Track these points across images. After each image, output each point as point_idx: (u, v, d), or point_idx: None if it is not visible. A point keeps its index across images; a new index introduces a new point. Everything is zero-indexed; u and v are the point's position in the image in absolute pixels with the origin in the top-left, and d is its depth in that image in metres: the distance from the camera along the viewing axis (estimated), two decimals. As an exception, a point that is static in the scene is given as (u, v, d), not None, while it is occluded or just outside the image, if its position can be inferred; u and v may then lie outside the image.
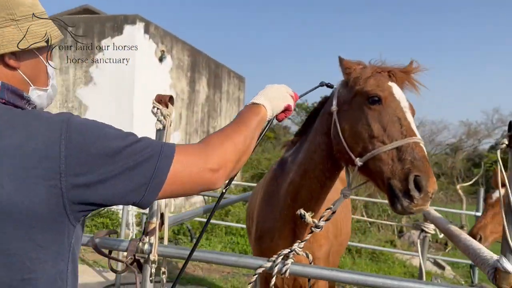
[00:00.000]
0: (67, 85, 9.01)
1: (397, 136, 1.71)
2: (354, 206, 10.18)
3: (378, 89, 1.83)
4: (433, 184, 1.57)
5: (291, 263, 1.94)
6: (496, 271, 1.87)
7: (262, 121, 1.35)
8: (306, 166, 2.16)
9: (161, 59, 9.26)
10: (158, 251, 2.12)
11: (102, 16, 9.15)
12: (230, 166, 1.15)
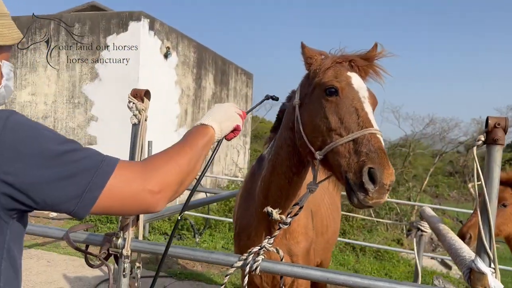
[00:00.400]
0: (73, 81, 9.10)
1: (354, 128, 1.67)
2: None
3: (335, 80, 1.78)
4: (389, 176, 1.52)
5: (262, 260, 1.92)
6: (471, 271, 1.83)
7: (210, 142, 1.33)
8: (274, 162, 2.14)
9: (166, 56, 9.29)
10: (131, 246, 2.12)
11: (107, 13, 9.20)
12: (172, 189, 1.10)
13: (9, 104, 9.51)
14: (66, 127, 9.14)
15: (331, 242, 3.05)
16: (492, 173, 1.78)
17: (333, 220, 3.05)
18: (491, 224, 1.78)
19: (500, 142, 1.77)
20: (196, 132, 1.32)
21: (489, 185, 1.79)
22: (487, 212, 1.78)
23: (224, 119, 1.42)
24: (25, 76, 9.34)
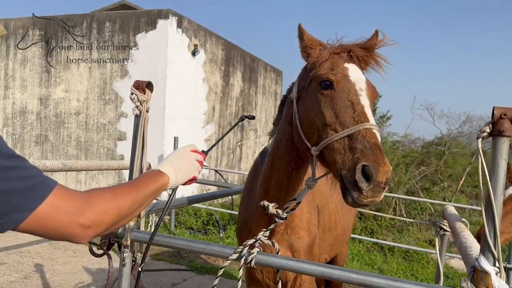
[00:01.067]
0: (104, 78, 9.35)
1: (349, 123, 1.59)
2: (388, 203, 9.86)
3: (330, 73, 1.71)
4: (385, 173, 1.44)
5: (257, 253, 1.89)
6: (475, 271, 1.74)
7: (161, 189, 1.32)
8: (273, 156, 2.10)
9: (194, 53, 9.37)
10: (131, 236, 2.14)
11: (136, 12, 9.39)
12: (103, 227, 1.07)
13: (44, 100, 9.89)
14: (98, 123, 9.40)
15: (340, 239, 2.97)
16: (498, 167, 1.69)
17: (343, 217, 2.98)
18: (496, 221, 1.69)
19: (506, 133, 1.67)
20: (150, 176, 1.31)
21: (494, 179, 1.69)
22: (492, 208, 1.69)
23: (182, 169, 1.42)
24: (59, 73, 9.68)
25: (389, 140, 15.10)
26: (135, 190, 1.19)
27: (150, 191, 1.25)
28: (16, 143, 10.12)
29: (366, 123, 1.57)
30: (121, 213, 1.12)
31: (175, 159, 1.43)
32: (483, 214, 1.71)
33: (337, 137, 1.59)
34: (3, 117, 10.26)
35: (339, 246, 3.06)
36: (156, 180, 1.30)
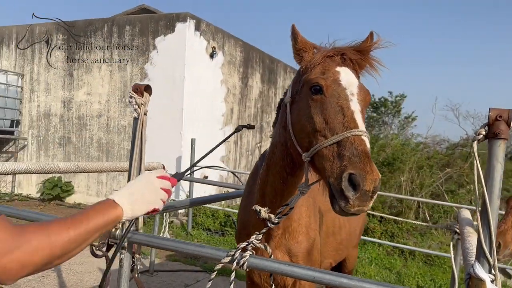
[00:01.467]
0: (125, 81, 9.52)
1: (339, 129, 1.55)
2: (409, 206, 9.66)
3: (321, 77, 1.67)
4: (372, 182, 1.40)
5: (249, 256, 1.89)
6: (470, 278, 1.69)
7: (113, 222, 1.21)
8: (269, 161, 2.07)
9: (212, 56, 9.44)
10: (129, 237, 2.16)
11: (155, 15, 9.52)
12: (30, 269, 0.98)
13: (67, 103, 10.14)
14: (118, 125, 9.58)
15: (345, 243, 2.92)
16: (493, 170, 1.63)
17: (348, 221, 2.92)
18: (492, 227, 1.63)
19: (502, 136, 1.61)
20: (100, 210, 1.19)
21: (490, 183, 1.63)
22: (487, 213, 1.63)
23: (140, 200, 1.30)
24: (81, 77, 9.91)
25: (413, 141, 14.79)
26: (75, 227, 1.08)
27: (95, 226, 1.14)
28: (41, 145, 10.41)
29: (355, 129, 1.52)
30: (54, 253, 1.02)
31: (135, 188, 1.32)
32: (478, 220, 1.65)
33: (326, 143, 1.56)
34: (28, 120, 10.58)
35: (345, 250, 3.01)
36: (106, 214, 1.19)
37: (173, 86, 8.81)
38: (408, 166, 11.01)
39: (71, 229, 1.07)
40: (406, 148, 12.79)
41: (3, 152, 10.64)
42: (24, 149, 10.64)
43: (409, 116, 25.64)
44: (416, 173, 11.99)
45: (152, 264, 5.48)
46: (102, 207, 1.20)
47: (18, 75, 10.49)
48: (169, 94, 8.86)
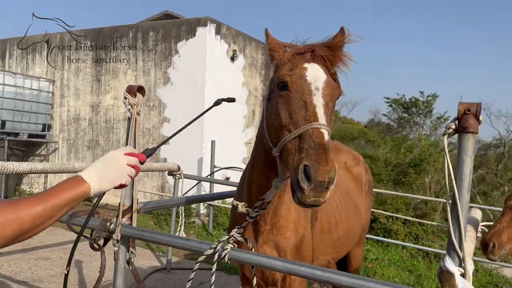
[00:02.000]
0: (149, 85, 9.78)
1: (301, 123, 1.60)
2: (434, 208, 9.45)
3: (287, 74, 1.73)
4: (325, 173, 1.44)
5: (231, 249, 1.96)
6: (442, 271, 1.70)
7: (80, 197, 1.28)
8: (253, 158, 2.15)
9: (233, 59, 9.57)
10: (122, 231, 2.27)
11: (177, 21, 9.75)
12: (2, 241, 1.08)
13: (95, 107, 10.52)
14: (143, 128, 9.84)
15: (343, 241, 2.93)
16: (462, 164, 1.65)
17: (346, 219, 2.93)
18: (461, 221, 1.64)
19: (471, 130, 1.63)
20: (66, 185, 1.26)
21: (460, 177, 1.65)
22: (456, 207, 1.64)
23: (107, 175, 1.36)
24: (108, 82, 10.25)
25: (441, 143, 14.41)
26: (42, 203, 1.16)
27: (62, 202, 1.21)
28: (71, 148, 10.83)
29: (315, 122, 1.57)
30: (23, 227, 1.11)
31: (101, 165, 1.38)
32: (448, 214, 1.66)
33: (290, 137, 1.62)
34: (59, 124, 11.03)
35: (343, 248, 3.02)
36: (73, 190, 1.25)
37: (195, 89, 9.00)
38: (434, 167, 10.76)
39: (39, 205, 1.15)
40: (434, 149, 12.49)
41: (36, 155, 11.13)
42: (55, 152, 11.09)
43: (442, 117, 25.01)
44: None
45: (169, 262, 5.62)
46: (69, 184, 1.27)
47: (49, 81, 10.96)
48: (191, 97, 9.04)
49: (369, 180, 3.65)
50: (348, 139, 25.96)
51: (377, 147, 16.01)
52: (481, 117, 1.63)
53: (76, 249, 2.26)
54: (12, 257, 5.70)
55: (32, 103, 10.41)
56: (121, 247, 2.33)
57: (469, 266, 1.66)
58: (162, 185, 9.60)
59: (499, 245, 2.57)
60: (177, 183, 5.13)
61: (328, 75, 1.78)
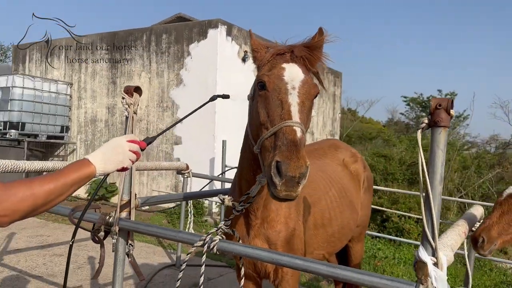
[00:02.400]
0: (162, 87, 9.97)
1: (277, 121, 1.67)
2: (448, 207, 9.35)
3: (266, 74, 1.80)
4: (295, 168, 1.52)
5: (219, 240, 2.05)
6: (416, 261, 1.76)
7: (87, 177, 1.42)
8: (241, 155, 2.23)
9: (244, 59, 9.68)
10: (120, 224, 2.39)
11: (189, 23, 9.91)
12: (19, 215, 1.24)
13: (111, 109, 10.77)
14: (157, 129, 10.04)
15: (338, 236, 2.99)
16: (435, 157, 1.71)
17: (341, 214, 2.99)
18: (433, 211, 1.70)
19: (442, 124, 1.69)
20: (74, 166, 1.41)
21: (432, 170, 1.71)
22: (429, 199, 1.70)
23: (111, 159, 1.51)
24: (123, 84, 10.49)
25: (457, 143, 14.21)
26: (53, 181, 1.31)
27: (71, 181, 1.36)
28: (88, 148, 11.11)
29: (289, 120, 1.65)
30: (37, 203, 1.26)
31: (106, 149, 1.53)
32: (421, 205, 1.72)
33: (266, 135, 1.70)
34: (77, 125, 11.33)
35: (338, 243, 3.08)
36: (80, 171, 1.40)
37: (206, 90, 9.13)
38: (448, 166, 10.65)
39: (51, 183, 1.31)
40: (450, 147, 12.34)
41: (55, 156, 11.46)
42: (73, 153, 11.40)
43: (460, 115, 24.63)
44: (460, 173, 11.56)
45: (179, 258, 5.76)
46: (77, 165, 1.43)
47: (67, 84, 11.27)
48: (203, 98, 9.09)
49: (368, 177, 3.70)
50: (367, 138, 25.79)
51: (393, 146, 15.89)
52: (453, 111, 1.68)
53: (92, 246, 2.38)
54: (29, 253, 5.93)
55: (50, 106, 10.74)
56: (119, 239, 2.44)
57: (443, 256, 1.71)
58: (175, 184, 9.77)
59: (488, 240, 2.60)
60: (185, 181, 5.25)
61: (306, 75, 1.85)
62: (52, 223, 8.08)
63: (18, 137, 10.15)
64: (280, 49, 1.89)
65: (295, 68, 1.83)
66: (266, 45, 1.99)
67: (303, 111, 1.74)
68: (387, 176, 11.18)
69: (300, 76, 1.81)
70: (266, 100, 1.78)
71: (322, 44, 1.89)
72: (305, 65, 1.86)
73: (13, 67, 12.60)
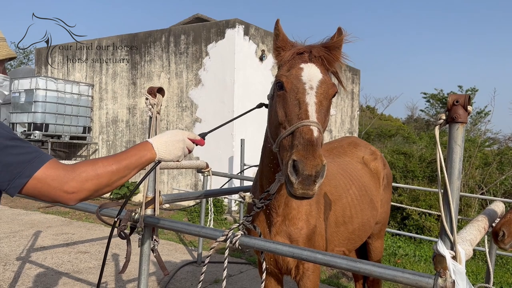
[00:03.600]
0: (181, 87, 10.11)
1: (294, 121, 1.70)
2: (468, 204, 9.23)
3: (284, 74, 1.83)
4: (311, 167, 1.54)
5: (241, 235, 2.12)
6: (435, 255, 1.80)
7: (147, 162, 1.47)
8: (262, 152, 2.26)
9: (262, 58, 9.73)
10: (145, 220, 2.48)
11: (207, 23, 10.01)
12: (85, 193, 1.31)
13: (132, 110, 10.96)
14: (176, 128, 10.18)
15: (358, 233, 3.01)
16: (452, 153, 1.74)
17: (361, 212, 3.02)
18: (452, 206, 1.73)
19: (460, 120, 1.71)
20: (137, 151, 1.46)
21: (450, 165, 1.74)
22: (447, 193, 1.73)
23: (170, 149, 1.55)
24: (143, 84, 10.67)
25: (478, 139, 13.97)
26: (116, 163, 1.38)
27: (133, 164, 1.42)
28: (110, 148, 11.34)
29: (306, 120, 1.68)
30: (101, 183, 1.34)
31: (169, 138, 1.57)
32: (440, 200, 1.75)
33: (284, 134, 1.73)
34: (99, 126, 11.57)
35: (358, 240, 3.10)
36: (141, 155, 1.45)
37: (224, 89, 9.23)
38: (469, 162, 10.51)
39: (114, 164, 1.38)
40: (471, 144, 12.15)
41: (78, 156, 11.73)
42: (95, 152, 11.65)
43: (482, 111, 24.19)
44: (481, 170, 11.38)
45: (200, 255, 5.86)
46: (140, 148, 1.48)
47: (89, 86, 11.52)
48: (221, 97, 9.28)
49: (388, 174, 3.71)
50: (386, 136, 25.53)
51: (413, 144, 15.72)
52: (470, 108, 1.70)
53: (115, 244, 2.47)
54: (55, 251, 6.12)
55: (73, 107, 10.99)
56: (145, 235, 2.53)
57: (461, 249, 1.74)
58: (195, 183, 9.90)
59: (509, 234, 2.59)
60: (205, 180, 5.35)
61: (324, 74, 1.87)
62: (76, 221, 8.29)
63: (42, 138, 10.43)
64: (300, 48, 1.91)
65: (313, 68, 1.85)
66: (292, 43, 1.99)
67: (320, 110, 1.76)
68: (407, 173, 11.10)
69: (318, 76, 1.84)
70: (284, 100, 1.81)
71: (341, 44, 1.91)
72: (324, 65, 1.88)
73: (36, 69, 12.93)
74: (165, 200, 2.73)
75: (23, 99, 10.48)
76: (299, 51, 1.92)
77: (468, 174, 9.94)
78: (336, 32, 1.95)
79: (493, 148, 16.28)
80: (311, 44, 1.96)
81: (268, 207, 2.33)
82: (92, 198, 1.40)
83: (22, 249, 6.11)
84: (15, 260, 5.60)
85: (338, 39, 1.91)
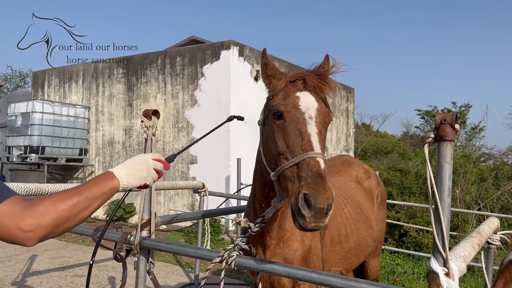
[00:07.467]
0: (177, 108, 10.18)
1: (298, 152, 1.71)
2: (465, 220, 9.22)
3: (281, 104, 1.83)
4: (324, 200, 1.56)
5: (236, 256, 2.13)
6: (429, 272, 1.81)
7: (111, 191, 1.40)
8: (254, 177, 2.27)
9: (257, 79, 9.84)
10: (141, 242, 2.48)
11: (202, 45, 10.16)
12: (44, 230, 1.19)
13: (128, 131, 11.00)
14: (173, 149, 10.21)
15: (354, 252, 3.01)
16: (442, 170, 1.77)
17: (357, 231, 3.02)
18: (443, 223, 1.75)
19: (448, 138, 1.75)
20: (99, 180, 1.40)
21: (440, 182, 1.77)
22: (438, 210, 1.76)
23: (134, 175, 1.49)
24: (140, 106, 10.74)
25: (473, 155, 14.05)
26: (76, 195, 1.30)
27: (95, 194, 1.34)
28: (106, 170, 11.31)
29: (311, 152, 1.69)
30: (60, 216, 1.23)
31: (130, 163, 1.53)
32: (431, 217, 1.78)
33: (287, 165, 1.73)
34: (95, 148, 11.58)
35: (355, 259, 3.10)
36: (104, 185, 1.38)
37: (220, 109, 9.30)
38: (465, 178, 10.55)
39: (74, 197, 1.29)
40: (466, 160, 12.23)
41: (74, 178, 11.70)
42: (91, 174, 11.62)
43: (476, 127, 24.40)
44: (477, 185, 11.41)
45: (197, 277, 5.82)
46: (101, 179, 1.41)
47: (85, 108, 11.58)
48: (217, 117, 9.33)
49: (382, 192, 3.74)
50: (382, 152, 25.59)
51: (408, 160, 15.77)
52: (457, 126, 1.75)
53: (112, 267, 2.47)
54: (51, 275, 6.05)
55: (69, 129, 11.02)
56: (141, 257, 2.53)
57: (454, 266, 1.76)
58: (192, 203, 9.88)
59: None
60: (202, 200, 5.35)
61: (319, 103, 1.90)
62: (73, 245, 8.22)
63: (38, 160, 10.42)
64: (292, 76, 1.94)
65: (309, 96, 1.87)
66: (281, 72, 2.02)
67: (321, 140, 1.78)
68: (404, 190, 11.11)
69: (315, 104, 1.86)
70: (284, 130, 1.81)
71: (330, 74, 1.95)
72: (317, 92, 1.90)
73: (32, 92, 13.00)
74: (161, 222, 2.74)
75: (20, 122, 10.51)
76: (292, 79, 1.94)
77: (464, 190, 9.97)
78: (324, 60, 1.99)
79: (489, 163, 16.39)
80: (302, 72, 1.99)
81: (262, 231, 2.34)
82: (54, 236, 1.28)
83: (17, 274, 6.05)
84: (10, 285, 5.54)
85: (328, 68, 1.94)
